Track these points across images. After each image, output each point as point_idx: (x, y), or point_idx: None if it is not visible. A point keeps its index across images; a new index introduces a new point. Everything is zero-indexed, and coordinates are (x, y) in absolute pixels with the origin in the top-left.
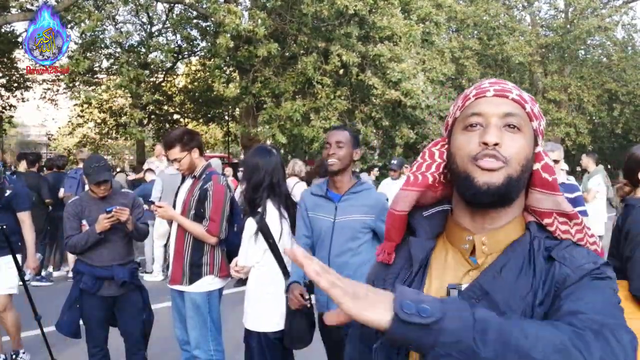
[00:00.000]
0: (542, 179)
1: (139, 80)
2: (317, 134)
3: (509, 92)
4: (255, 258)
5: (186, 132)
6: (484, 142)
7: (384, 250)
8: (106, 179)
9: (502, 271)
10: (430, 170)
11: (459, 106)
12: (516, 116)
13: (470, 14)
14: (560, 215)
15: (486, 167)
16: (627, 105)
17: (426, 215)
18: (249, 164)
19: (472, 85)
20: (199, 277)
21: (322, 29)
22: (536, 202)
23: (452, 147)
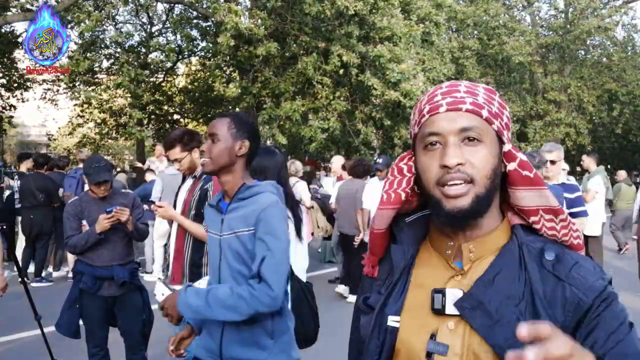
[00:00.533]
0: (523, 177)
1: (138, 80)
2: (315, 133)
3: (462, 104)
4: None
5: (186, 132)
6: (445, 165)
7: (369, 263)
8: (106, 179)
9: (495, 280)
10: (402, 186)
11: (416, 120)
12: (473, 129)
13: (470, 14)
14: (546, 211)
15: (452, 194)
16: (627, 105)
17: (409, 222)
18: (255, 166)
19: (427, 95)
20: (199, 277)
21: (322, 29)
22: (522, 201)
23: (418, 166)
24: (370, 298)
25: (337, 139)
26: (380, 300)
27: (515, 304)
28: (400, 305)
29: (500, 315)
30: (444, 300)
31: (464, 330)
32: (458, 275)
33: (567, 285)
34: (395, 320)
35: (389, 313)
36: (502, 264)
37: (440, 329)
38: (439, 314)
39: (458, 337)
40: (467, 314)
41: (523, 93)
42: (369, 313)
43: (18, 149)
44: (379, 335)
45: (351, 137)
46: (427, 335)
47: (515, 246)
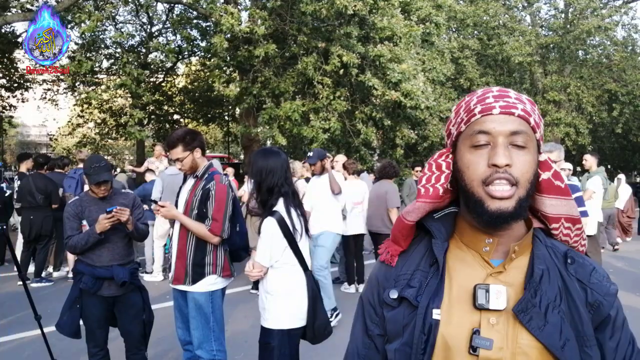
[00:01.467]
0: (554, 187)
1: (139, 80)
2: (316, 134)
3: (515, 109)
4: (275, 257)
5: (188, 132)
6: (494, 164)
7: (387, 251)
8: (106, 179)
9: (541, 282)
10: (440, 181)
11: (462, 119)
12: (523, 134)
13: (470, 13)
14: (567, 220)
15: (498, 195)
16: (627, 105)
17: (437, 218)
18: (261, 167)
19: (475, 96)
20: (201, 277)
21: (322, 29)
22: (549, 208)
23: (460, 164)
24: (401, 292)
25: (338, 139)
26: (418, 293)
27: (558, 305)
28: (440, 299)
29: (549, 317)
30: (487, 296)
31: (506, 326)
32: (495, 272)
33: (588, 289)
34: (437, 314)
35: (432, 307)
36: (542, 267)
37: (482, 323)
38: (480, 309)
39: (500, 332)
40: (522, 316)
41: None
42: (396, 307)
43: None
44: (424, 329)
45: (351, 137)
46: (469, 330)
47: (544, 250)
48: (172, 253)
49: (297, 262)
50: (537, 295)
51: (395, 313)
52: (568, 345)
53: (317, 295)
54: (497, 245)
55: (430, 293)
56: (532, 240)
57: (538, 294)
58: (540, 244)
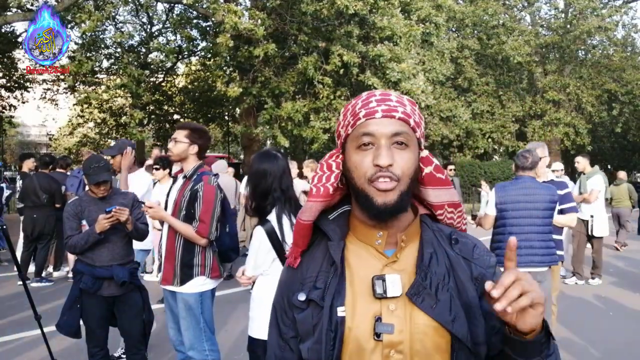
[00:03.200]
0: (437, 179)
1: (139, 80)
2: (317, 134)
3: (395, 112)
4: (263, 267)
5: (201, 129)
6: (378, 165)
7: (292, 255)
8: (105, 179)
9: (430, 265)
10: (330, 181)
11: (350, 122)
12: (403, 134)
13: (469, 13)
14: (450, 205)
15: (382, 188)
16: (626, 105)
17: (331, 219)
18: (255, 170)
19: (360, 100)
20: (190, 278)
21: (322, 29)
22: (433, 198)
23: (349, 163)
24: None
25: None
26: (324, 294)
27: (447, 283)
28: (343, 296)
29: (439, 296)
30: (384, 285)
31: (404, 310)
32: (390, 262)
33: (472, 264)
34: (342, 311)
35: (336, 305)
36: (430, 250)
37: (383, 311)
38: (380, 298)
39: (400, 316)
40: (415, 299)
41: (522, 93)
42: (304, 309)
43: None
44: (331, 327)
45: None
46: (372, 319)
47: (431, 233)
48: (161, 253)
49: None
50: (428, 278)
51: (304, 315)
52: (457, 319)
53: None
54: (387, 237)
55: (332, 292)
56: (421, 226)
57: (428, 276)
58: (428, 229)
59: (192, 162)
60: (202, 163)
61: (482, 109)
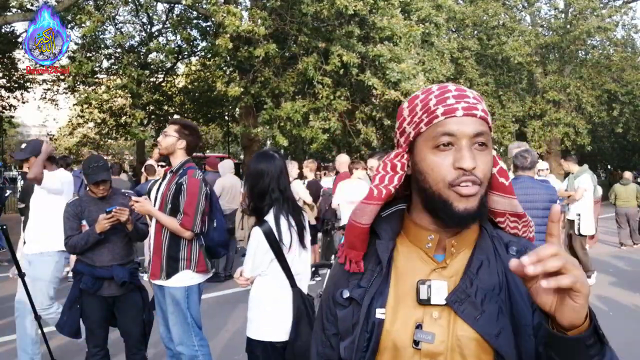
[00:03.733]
0: (499, 183)
1: (139, 81)
2: (316, 134)
3: (476, 110)
4: (261, 268)
5: (192, 127)
6: (461, 167)
7: (349, 259)
8: (104, 178)
9: (479, 273)
10: (393, 183)
11: (422, 120)
12: (484, 134)
13: (469, 14)
14: (512, 215)
15: (465, 193)
16: (626, 105)
17: (384, 217)
18: (253, 171)
19: (433, 95)
20: (176, 271)
21: (322, 29)
22: (494, 204)
23: (422, 165)
24: (351, 292)
25: (338, 139)
26: (365, 293)
27: (497, 294)
28: (385, 298)
29: (485, 307)
30: (429, 291)
31: (448, 319)
32: (439, 267)
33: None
34: (381, 313)
35: (375, 306)
36: (482, 257)
37: (425, 318)
38: (423, 304)
39: (442, 326)
40: (456, 307)
41: (522, 93)
42: (347, 306)
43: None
44: (367, 328)
45: (351, 137)
46: (413, 325)
47: (488, 240)
48: (150, 249)
49: (283, 275)
50: (473, 285)
51: (346, 312)
52: (503, 334)
53: (303, 315)
54: (439, 241)
55: (373, 292)
56: (479, 233)
57: (474, 284)
58: (486, 235)
59: (180, 157)
60: (190, 159)
61: None
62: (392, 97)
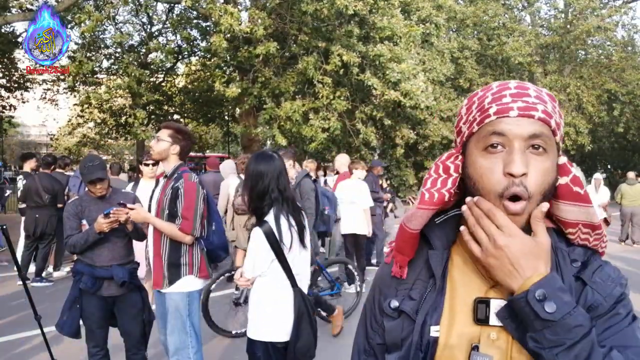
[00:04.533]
0: (573, 193)
1: (139, 80)
2: (315, 133)
3: (535, 110)
4: (262, 268)
5: (184, 131)
6: (510, 173)
7: (396, 262)
8: (100, 177)
9: None
10: (446, 186)
11: (476, 119)
12: (542, 137)
13: (469, 14)
14: (585, 226)
15: (511, 210)
16: (627, 105)
17: (438, 223)
18: (252, 171)
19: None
20: (178, 277)
21: (322, 29)
22: (566, 214)
23: (472, 169)
24: (401, 303)
25: (338, 139)
26: (419, 307)
27: None
28: (439, 314)
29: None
30: (487, 310)
31: (506, 341)
32: (498, 285)
33: (590, 289)
34: (436, 331)
35: (430, 323)
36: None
37: (482, 339)
38: (480, 324)
39: (501, 348)
40: (508, 323)
41: None
42: (395, 318)
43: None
44: (421, 347)
45: (351, 137)
46: (468, 345)
47: (553, 254)
48: (150, 257)
49: (284, 276)
50: None
51: (394, 324)
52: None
53: (304, 314)
54: None
55: (427, 308)
56: None
57: None
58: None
59: (173, 162)
60: (183, 163)
61: None
62: (392, 97)
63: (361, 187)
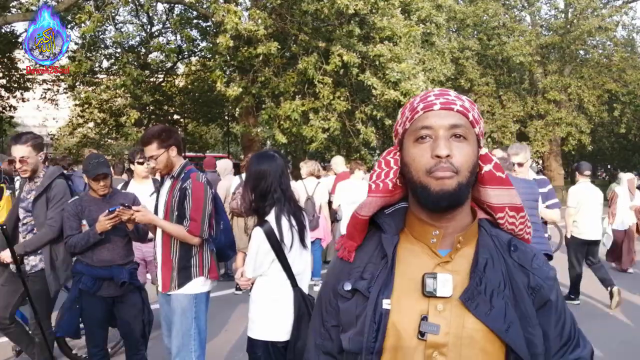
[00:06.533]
0: (496, 178)
1: (139, 81)
2: (315, 133)
3: (454, 104)
4: (262, 268)
5: (164, 130)
6: (437, 155)
7: (345, 248)
8: (105, 172)
9: (485, 271)
10: (389, 177)
11: (407, 117)
12: (461, 127)
13: (469, 14)
14: (511, 209)
15: (439, 176)
16: (627, 105)
17: (388, 213)
18: (254, 172)
19: (419, 97)
20: (188, 279)
21: (323, 29)
22: (493, 198)
23: (406, 157)
24: (354, 284)
25: (338, 139)
26: (371, 285)
27: (502, 291)
28: (390, 290)
29: (494, 303)
30: (435, 283)
31: (451, 312)
32: (443, 262)
33: (530, 274)
34: (387, 304)
35: (382, 297)
36: (486, 255)
37: (430, 310)
38: (428, 296)
39: (447, 318)
40: (469, 304)
41: (523, 93)
42: (349, 298)
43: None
44: (375, 318)
45: (351, 137)
46: (418, 317)
47: (489, 239)
48: (156, 259)
49: (284, 275)
50: (482, 283)
51: (348, 304)
52: (512, 327)
53: (304, 314)
54: (443, 236)
55: (380, 284)
56: (478, 231)
57: (483, 282)
58: (485, 234)
59: (178, 162)
60: (188, 161)
61: (482, 109)
62: (392, 97)
63: (361, 187)
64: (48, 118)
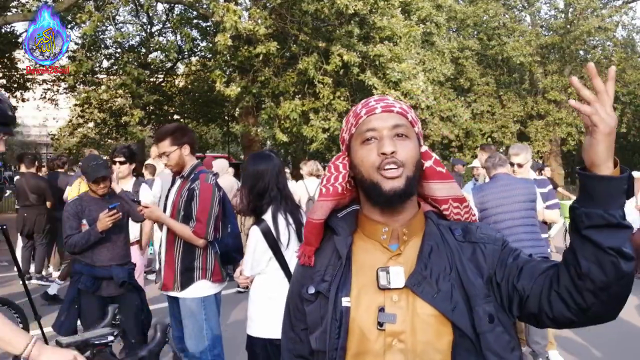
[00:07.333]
0: (437, 173)
1: (139, 80)
2: (316, 133)
3: (393, 107)
4: (261, 266)
5: (179, 128)
6: (383, 153)
7: (304, 254)
8: (104, 175)
9: (430, 257)
10: (338, 181)
11: (352, 124)
12: (403, 126)
13: (470, 14)
14: (454, 200)
15: (389, 175)
16: (627, 105)
17: (340, 217)
18: (252, 172)
19: (361, 104)
20: (191, 281)
21: (323, 29)
22: (436, 192)
23: (355, 159)
24: (317, 286)
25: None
26: (330, 286)
27: (448, 274)
28: (348, 288)
29: (440, 286)
30: (388, 277)
31: (407, 301)
32: (395, 255)
33: (480, 244)
34: (347, 301)
35: (341, 296)
36: (431, 243)
37: (386, 302)
38: (383, 289)
39: (402, 307)
40: (415, 288)
41: (523, 93)
42: (313, 301)
43: (18, 149)
44: (336, 316)
45: None
46: (376, 309)
47: (435, 228)
48: (160, 258)
49: (282, 273)
50: (427, 268)
51: (314, 306)
52: (457, 308)
53: None
54: (392, 232)
55: (338, 283)
56: (425, 222)
57: (428, 267)
58: (432, 224)
59: (190, 162)
60: (200, 162)
61: (482, 109)
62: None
63: None
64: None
